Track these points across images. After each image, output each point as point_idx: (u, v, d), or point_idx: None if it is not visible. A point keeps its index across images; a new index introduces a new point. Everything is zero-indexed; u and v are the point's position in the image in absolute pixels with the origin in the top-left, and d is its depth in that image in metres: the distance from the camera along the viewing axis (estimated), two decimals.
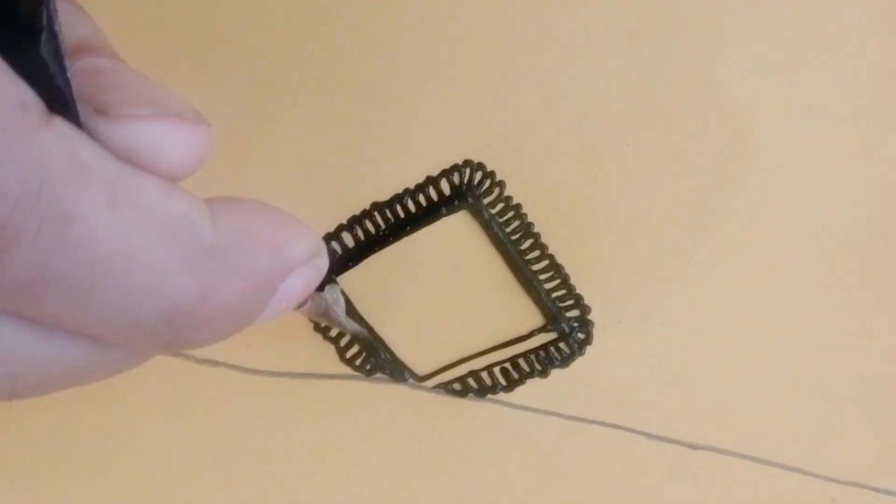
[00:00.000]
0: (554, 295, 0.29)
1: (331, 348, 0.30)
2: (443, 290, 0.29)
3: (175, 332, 0.17)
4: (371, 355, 0.30)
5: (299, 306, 0.22)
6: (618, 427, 0.29)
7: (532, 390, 0.30)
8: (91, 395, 0.30)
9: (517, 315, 0.29)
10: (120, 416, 0.30)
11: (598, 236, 0.29)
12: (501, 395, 0.30)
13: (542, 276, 0.29)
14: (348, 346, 0.30)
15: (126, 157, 0.17)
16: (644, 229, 0.29)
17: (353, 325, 0.28)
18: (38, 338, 0.17)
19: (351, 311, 0.30)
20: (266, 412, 0.30)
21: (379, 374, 0.30)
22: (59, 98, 0.16)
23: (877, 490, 0.29)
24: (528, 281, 0.29)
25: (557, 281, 0.29)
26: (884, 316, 0.29)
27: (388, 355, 0.30)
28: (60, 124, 0.16)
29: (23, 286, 0.16)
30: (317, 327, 0.30)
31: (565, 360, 0.29)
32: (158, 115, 0.17)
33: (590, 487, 0.29)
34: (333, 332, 0.30)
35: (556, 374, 0.29)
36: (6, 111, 0.15)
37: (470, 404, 0.30)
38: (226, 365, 0.30)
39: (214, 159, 0.29)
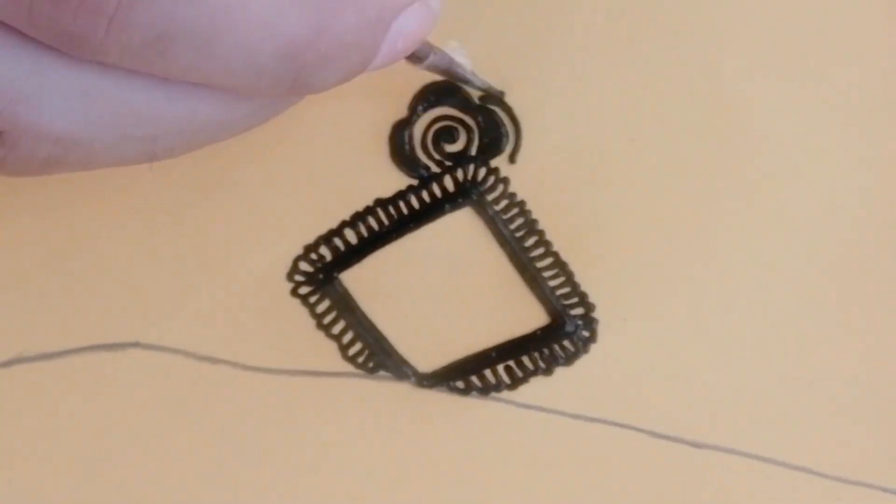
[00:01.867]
0: (558, 293, 0.29)
1: (333, 346, 0.30)
2: (446, 288, 0.29)
3: (297, 71, 0.17)
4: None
5: (420, 59, 0.22)
6: (622, 426, 0.29)
7: (536, 388, 0.29)
8: (89, 394, 0.30)
9: (521, 313, 0.29)
10: (118, 413, 0.30)
11: (602, 234, 0.29)
12: (505, 394, 0.30)
13: (547, 274, 0.29)
14: (350, 343, 0.30)
15: None
16: (649, 227, 0.29)
17: (481, 81, 0.27)
18: (171, 96, 0.18)
19: (354, 307, 0.30)
20: (267, 410, 0.30)
21: (381, 372, 0.30)
22: None
23: (883, 490, 0.29)
24: (532, 278, 0.29)
25: (562, 279, 0.29)
26: (892, 313, 0.29)
27: (391, 353, 0.30)
28: None
29: (150, 43, 0.16)
30: (319, 324, 0.30)
31: (569, 359, 0.29)
32: None
33: (594, 486, 0.29)
34: (336, 330, 0.30)
35: (560, 372, 0.29)
36: None
37: (473, 402, 0.30)
38: (226, 362, 0.30)
39: (214, 152, 0.29)
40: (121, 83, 0.17)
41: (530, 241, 0.29)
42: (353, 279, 0.30)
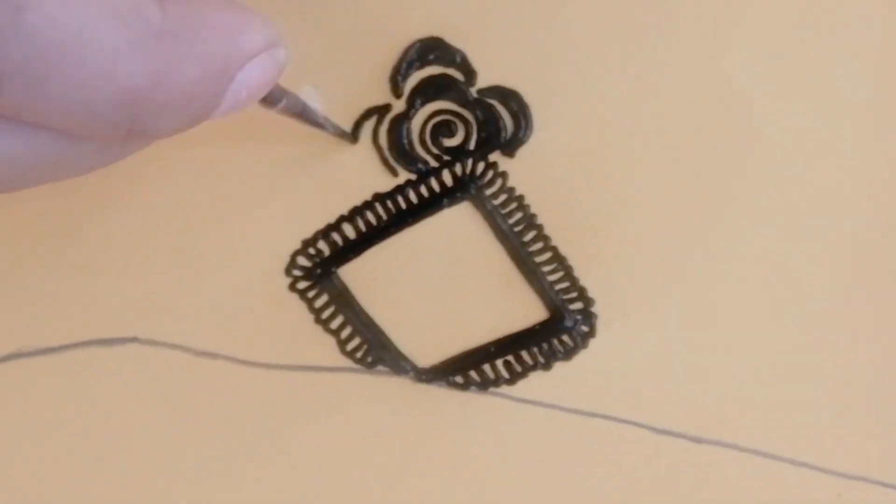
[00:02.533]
0: (557, 287, 0.29)
1: (331, 340, 0.30)
2: (445, 282, 0.29)
3: (134, 119, 0.17)
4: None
5: (272, 103, 0.22)
6: (621, 420, 0.29)
7: (535, 383, 0.29)
8: (87, 389, 0.30)
9: (520, 307, 0.29)
10: (117, 408, 0.30)
11: (601, 228, 0.29)
12: (504, 388, 0.29)
13: (545, 269, 0.29)
14: (349, 338, 0.30)
15: None
16: (648, 222, 0.29)
17: (333, 125, 0.27)
18: (6, 131, 0.18)
19: (352, 302, 0.29)
20: (266, 404, 0.30)
21: (380, 367, 0.30)
22: None
23: (884, 485, 0.29)
24: (530, 273, 0.29)
25: (561, 273, 0.29)
26: (892, 310, 0.29)
27: (389, 347, 0.30)
28: None
29: None
30: (317, 319, 0.30)
31: (568, 353, 0.29)
32: None
33: (593, 481, 0.29)
34: (334, 325, 0.30)
35: (559, 367, 0.29)
36: None
37: (472, 397, 0.30)
38: (225, 357, 0.30)
39: (212, 149, 0.29)
40: None
41: (529, 236, 0.29)
42: (352, 274, 0.29)
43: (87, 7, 0.16)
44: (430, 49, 0.29)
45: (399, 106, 0.29)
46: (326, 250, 0.29)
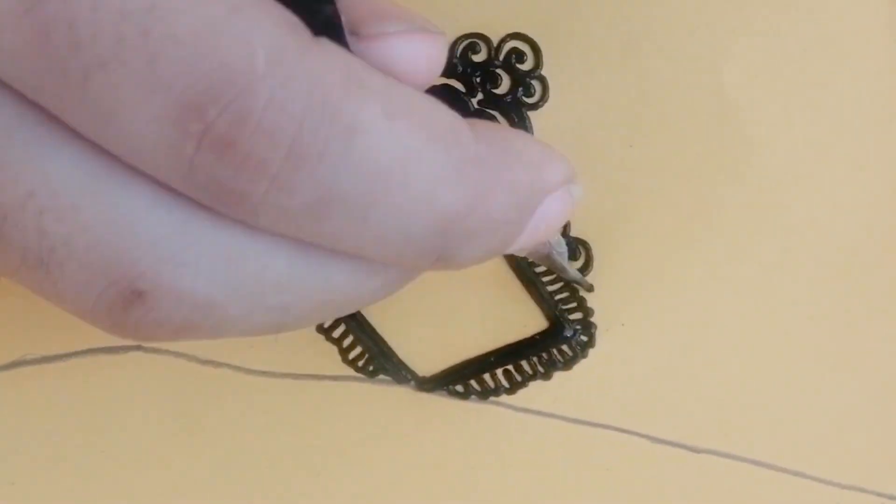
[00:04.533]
0: (557, 297, 0.29)
1: (333, 349, 0.30)
2: (445, 292, 0.29)
3: (444, 245, 0.17)
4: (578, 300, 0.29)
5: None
6: (620, 430, 0.29)
7: (534, 392, 0.30)
8: (91, 397, 0.30)
9: (520, 317, 0.29)
10: (120, 417, 0.30)
11: (600, 239, 0.29)
12: (504, 398, 0.30)
13: (545, 279, 0.29)
14: (351, 347, 0.30)
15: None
16: (647, 232, 0.29)
17: (575, 273, 0.27)
18: (311, 264, 0.17)
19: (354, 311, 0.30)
20: (268, 413, 0.30)
21: (381, 376, 0.30)
22: (325, 20, 0.17)
23: (880, 495, 0.29)
24: (530, 283, 0.29)
25: (560, 283, 0.29)
26: (890, 319, 0.29)
27: (391, 357, 0.30)
28: (328, 42, 0.16)
29: (307, 207, 0.16)
30: (319, 328, 0.30)
31: (568, 363, 0.29)
32: (409, 30, 0.18)
33: (592, 490, 0.29)
34: (336, 334, 0.30)
35: (558, 376, 0.29)
36: (279, 31, 0.15)
37: (472, 406, 0.30)
38: (228, 366, 0.30)
39: None
40: (265, 248, 0.17)
41: None
42: None
43: (412, 131, 0.16)
44: None
45: None
46: None
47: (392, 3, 0.18)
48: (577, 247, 0.29)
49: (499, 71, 0.29)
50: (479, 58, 0.29)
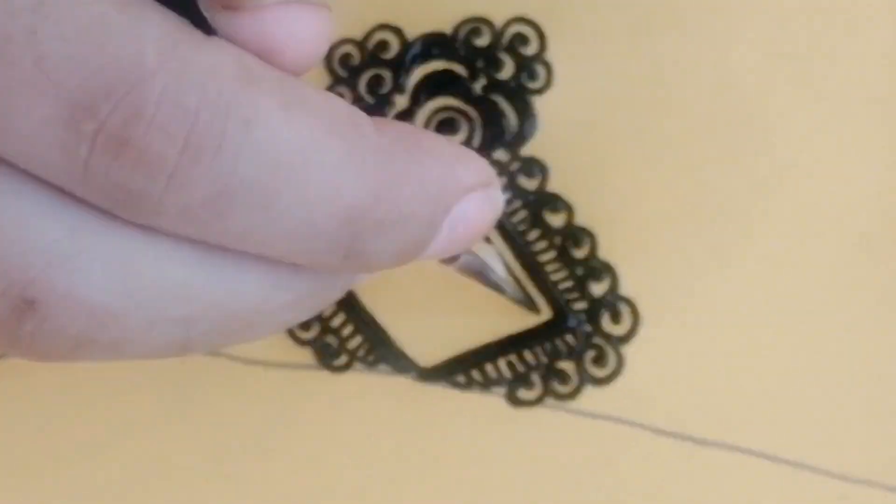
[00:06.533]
0: (561, 287, 0.29)
1: (333, 339, 0.30)
2: (447, 281, 0.29)
3: (353, 236, 0.17)
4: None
5: (451, 259, 0.22)
6: (624, 422, 0.29)
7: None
8: (86, 386, 0.30)
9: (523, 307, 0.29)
10: (118, 408, 0.30)
11: (606, 228, 0.29)
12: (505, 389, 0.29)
13: (549, 268, 0.29)
14: (350, 336, 0.30)
15: (257, 53, 0.17)
16: (653, 222, 0.29)
17: (514, 289, 0.27)
18: (216, 269, 0.17)
19: (354, 300, 0.29)
20: (267, 404, 0.30)
21: (382, 366, 0.30)
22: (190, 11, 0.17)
23: (888, 488, 0.28)
24: (534, 272, 0.29)
25: (565, 273, 0.29)
26: None
27: (391, 347, 0.29)
28: (219, 38, 0.16)
29: (207, 203, 0.16)
30: (319, 318, 0.29)
31: (571, 353, 0.29)
32: (288, 1, 0.17)
33: (595, 482, 0.29)
34: (335, 323, 0.29)
35: (569, 368, 0.29)
36: (170, 27, 0.16)
37: (474, 397, 0.29)
38: (226, 356, 0.30)
39: None
40: (165, 252, 0.17)
41: (533, 235, 0.29)
42: None
43: (309, 120, 0.16)
44: (434, 44, 0.29)
45: (402, 102, 0.29)
46: None
47: None
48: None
49: (502, 55, 0.29)
50: (482, 42, 0.29)
